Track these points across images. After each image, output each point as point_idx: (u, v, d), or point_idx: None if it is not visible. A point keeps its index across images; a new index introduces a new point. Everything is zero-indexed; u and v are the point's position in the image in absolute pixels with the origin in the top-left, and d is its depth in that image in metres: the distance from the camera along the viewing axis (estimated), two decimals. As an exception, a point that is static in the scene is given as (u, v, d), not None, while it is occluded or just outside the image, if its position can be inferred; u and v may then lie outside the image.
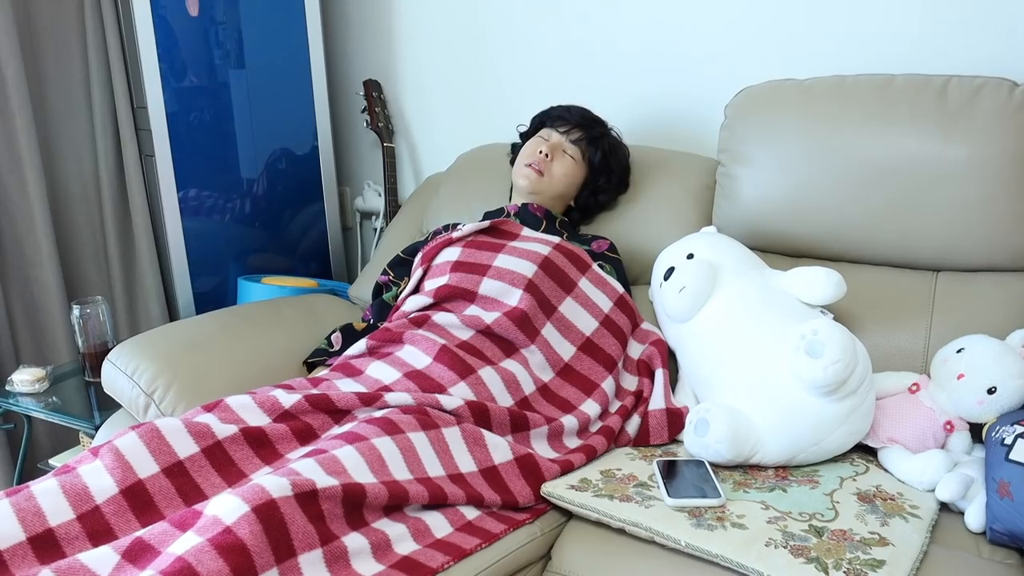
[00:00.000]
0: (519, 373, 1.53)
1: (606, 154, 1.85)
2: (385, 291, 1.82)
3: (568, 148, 1.84)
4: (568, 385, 1.58)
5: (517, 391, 1.51)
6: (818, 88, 1.69)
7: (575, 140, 1.84)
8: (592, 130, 1.85)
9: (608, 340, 1.63)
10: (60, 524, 1.15)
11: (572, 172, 1.83)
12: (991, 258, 1.56)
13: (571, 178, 1.84)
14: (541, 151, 1.81)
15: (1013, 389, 1.35)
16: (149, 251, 2.23)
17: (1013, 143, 1.51)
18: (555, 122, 1.87)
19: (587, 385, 1.59)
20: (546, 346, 1.58)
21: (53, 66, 2.13)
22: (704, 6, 1.98)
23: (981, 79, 1.58)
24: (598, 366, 1.61)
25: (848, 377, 1.31)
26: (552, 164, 1.82)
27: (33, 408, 1.87)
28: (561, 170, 1.82)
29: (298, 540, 1.10)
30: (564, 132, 1.85)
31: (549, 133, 1.86)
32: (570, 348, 1.61)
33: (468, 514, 1.30)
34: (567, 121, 1.86)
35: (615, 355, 1.63)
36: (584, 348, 1.62)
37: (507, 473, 1.37)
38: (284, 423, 1.34)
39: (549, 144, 1.83)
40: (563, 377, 1.59)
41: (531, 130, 1.94)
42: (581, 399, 1.57)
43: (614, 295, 1.68)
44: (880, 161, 1.59)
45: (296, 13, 2.33)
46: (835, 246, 1.68)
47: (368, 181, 2.61)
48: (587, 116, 1.88)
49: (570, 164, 1.83)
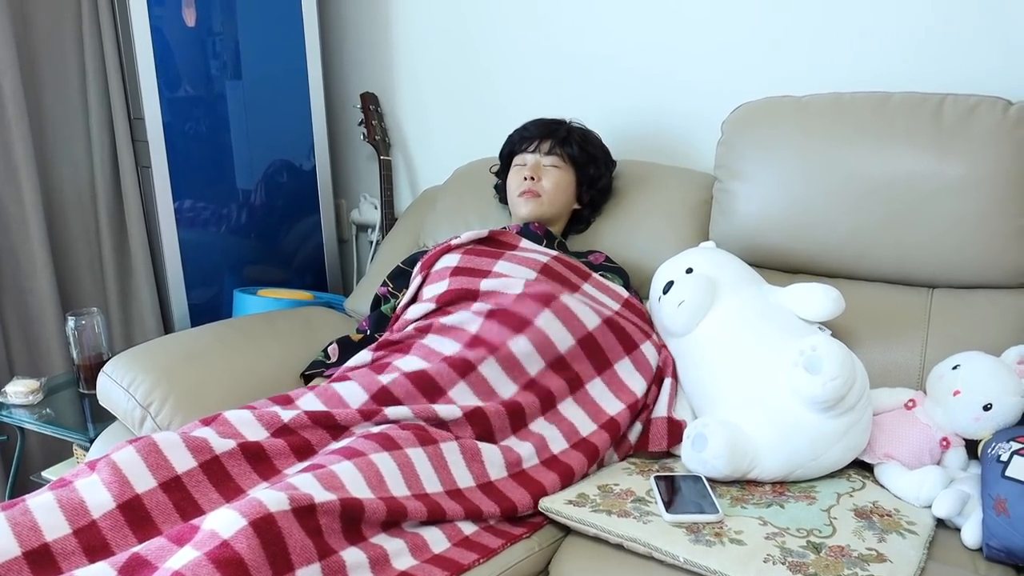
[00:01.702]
0: (521, 355, 1.50)
1: (582, 145, 1.88)
2: (384, 303, 1.82)
3: (546, 160, 1.87)
4: (584, 358, 1.55)
5: (521, 374, 1.50)
6: (815, 105, 1.70)
7: (548, 151, 1.87)
8: (557, 133, 1.89)
9: (628, 326, 1.60)
10: (56, 539, 1.14)
11: (563, 179, 1.86)
12: (986, 275, 1.57)
13: (565, 184, 1.86)
14: (525, 176, 1.84)
15: (1009, 406, 1.36)
16: (144, 263, 2.23)
17: (1008, 161, 1.52)
18: (521, 145, 1.91)
19: (602, 361, 1.56)
20: (544, 338, 1.53)
21: (50, 76, 2.13)
22: (701, 23, 2.00)
23: (976, 98, 1.59)
24: (618, 345, 1.58)
25: (846, 393, 1.31)
26: (541, 183, 1.84)
27: (27, 420, 1.86)
28: (552, 182, 1.84)
29: (296, 554, 1.10)
30: (534, 150, 1.88)
31: (523, 158, 1.89)
32: (584, 331, 1.57)
33: (465, 529, 1.30)
34: (531, 138, 1.90)
35: (636, 339, 1.60)
36: (601, 330, 1.58)
37: (504, 486, 1.37)
38: (282, 438, 1.34)
39: (529, 167, 1.86)
40: (582, 347, 1.55)
41: (503, 165, 1.97)
42: (591, 376, 1.55)
43: (620, 299, 1.68)
44: (876, 178, 1.60)
45: (294, 25, 2.33)
46: (831, 262, 1.68)
47: (364, 194, 2.61)
48: (545, 123, 1.92)
49: (556, 173, 1.85)
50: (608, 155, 1.94)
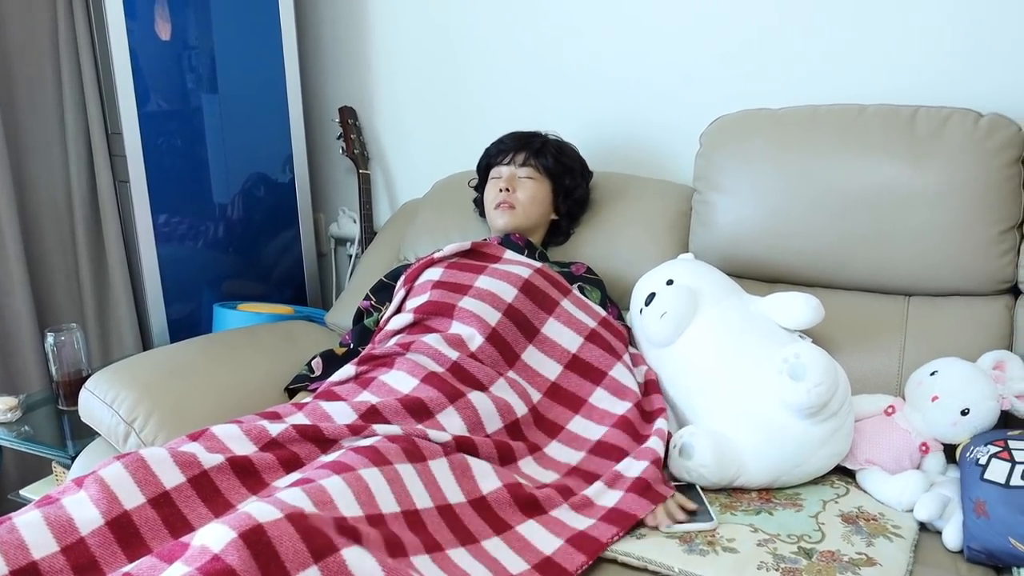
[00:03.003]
0: (509, 396, 1.53)
1: (556, 156, 1.91)
2: (366, 316, 1.82)
3: (521, 172, 1.89)
4: (556, 405, 1.58)
5: (508, 414, 1.51)
6: (791, 118, 1.73)
7: (523, 162, 1.89)
8: (532, 145, 1.91)
9: (596, 353, 1.63)
10: (44, 557, 1.12)
11: (537, 190, 1.88)
12: (961, 283, 1.60)
13: (540, 196, 1.88)
14: (500, 189, 1.86)
15: (985, 410, 1.39)
16: (123, 278, 2.21)
17: (980, 171, 1.56)
18: (497, 158, 1.93)
19: (575, 402, 1.59)
20: (525, 369, 1.59)
21: (26, 91, 2.11)
22: (678, 38, 2.03)
23: (948, 109, 1.63)
24: (585, 381, 1.61)
25: (830, 399, 1.34)
26: (516, 195, 1.86)
27: (5, 438, 1.83)
28: (527, 194, 1.86)
29: (289, 561, 1.09)
30: (509, 162, 1.90)
31: (498, 171, 1.91)
32: (556, 367, 1.62)
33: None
34: (506, 151, 1.92)
35: (603, 367, 1.62)
36: (570, 365, 1.62)
37: (497, 503, 1.37)
38: (271, 452, 1.33)
39: (504, 179, 1.88)
40: (551, 397, 1.59)
41: (481, 179, 1.99)
42: (568, 417, 1.57)
43: (597, 317, 1.69)
44: (852, 189, 1.64)
45: (272, 38, 2.33)
46: (809, 271, 1.71)
47: (343, 207, 2.61)
48: (520, 136, 1.94)
49: (531, 185, 1.87)
50: (584, 166, 1.96)
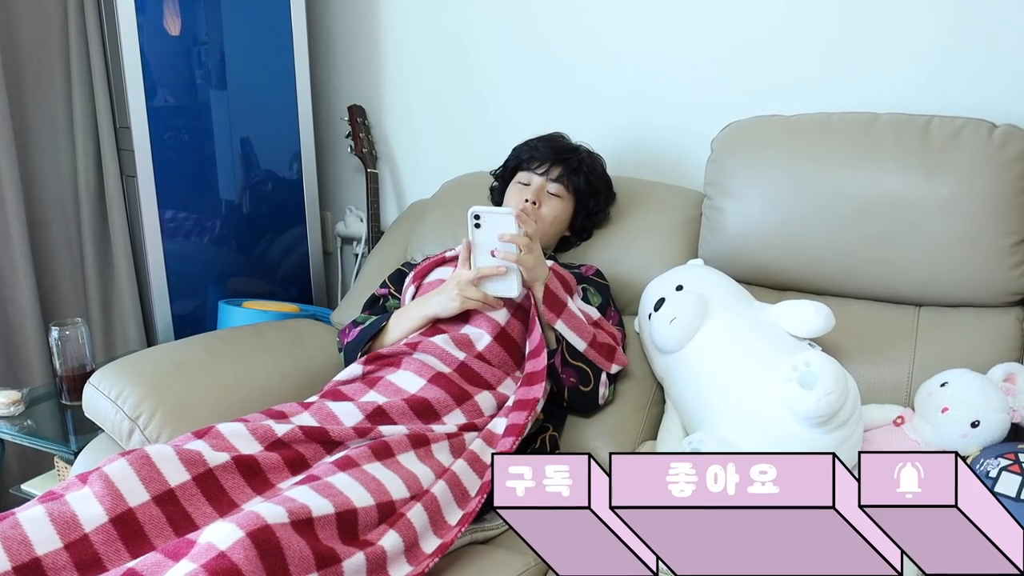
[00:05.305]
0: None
1: (588, 177, 1.82)
2: (386, 301, 1.81)
3: (551, 187, 1.80)
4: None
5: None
6: (803, 124, 1.73)
7: (556, 178, 1.80)
8: (568, 162, 1.81)
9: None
10: (47, 553, 1.12)
11: (562, 210, 1.81)
12: (972, 294, 1.60)
13: (563, 216, 1.82)
14: (527, 200, 1.77)
15: (996, 423, 1.38)
16: (128, 273, 2.20)
17: (994, 182, 1.55)
18: (530, 164, 1.83)
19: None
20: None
21: (35, 84, 2.11)
22: (691, 41, 2.02)
23: (962, 119, 1.62)
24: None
25: (840, 408, 1.33)
26: (541, 210, 1.77)
27: (7, 432, 1.83)
28: (552, 213, 1.79)
29: (294, 565, 1.09)
30: (543, 172, 1.80)
31: (528, 177, 1.81)
32: None
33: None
34: (541, 160, 1.81)
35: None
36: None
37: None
38: (276, 452, 1.33)
39: (533, 191, 1.78)
40: None
41: (506, 173, 1.90)
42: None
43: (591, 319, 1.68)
44: (864, 197, 1.63)
45: (282, 35, 2.32)
46: (819, 280, 1.70)
47: (350, 206, 2.61)
48: (559, 147, 1.83)
49: (557, 204, 1.80)
50: (610, 187, 1.88)
